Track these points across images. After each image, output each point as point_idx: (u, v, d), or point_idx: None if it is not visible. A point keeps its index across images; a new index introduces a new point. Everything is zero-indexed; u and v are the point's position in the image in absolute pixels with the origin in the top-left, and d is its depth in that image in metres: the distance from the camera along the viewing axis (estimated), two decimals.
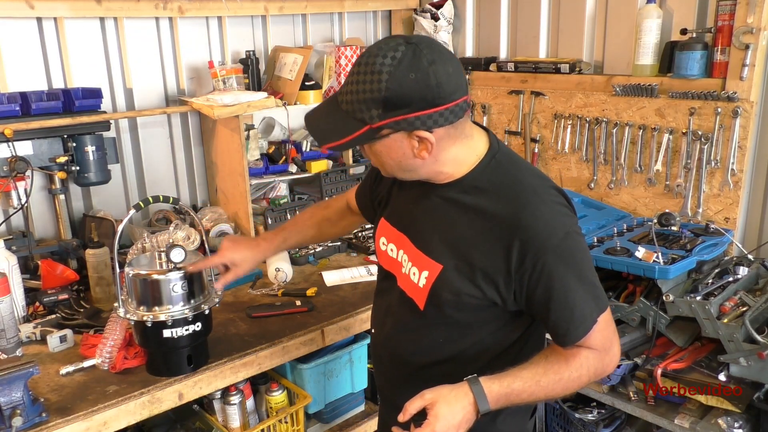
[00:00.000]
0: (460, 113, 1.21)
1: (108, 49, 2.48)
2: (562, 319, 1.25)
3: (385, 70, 1.14)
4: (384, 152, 1.25)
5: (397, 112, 1.16)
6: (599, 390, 2.25)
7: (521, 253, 1.21)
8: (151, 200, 1.72)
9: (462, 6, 3.11)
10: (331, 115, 1.24)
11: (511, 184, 1.27)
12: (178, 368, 1.71)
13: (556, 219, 1.24)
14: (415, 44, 1.16)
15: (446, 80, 1.16)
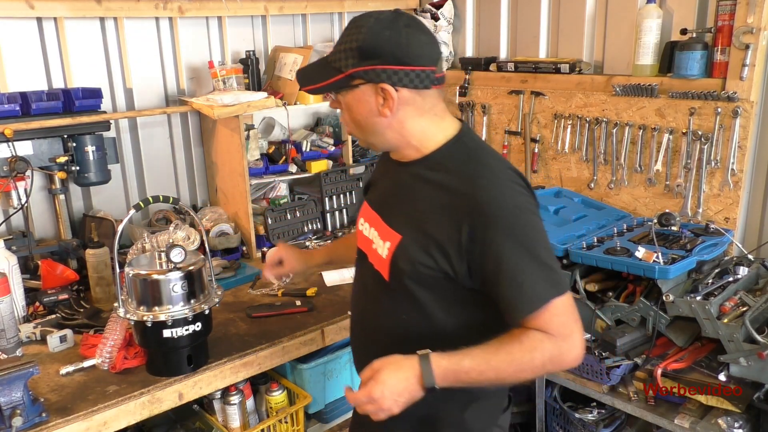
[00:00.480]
0: (426, 82, 1.30)
1: (108, 49, 2.49)
2: (511, 295, 1.25)
3: (366, 25, 1.28)
4: (353, 105, 1.33)
5: (368, 62, 1.27)
6: (599, 390, 2.25)
7: (473, 226, 1.25)
8: (151, 200, 1.72)
9: (462, 6, 3.11)
10: (317, 65, 1.38)
11: (470, 162, 1.33)
12: (178, 368, 1.71)
13: (509, 196, 1.28)
14: (400, 12, 1.31)
15: (417, 45, 1.28)
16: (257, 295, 2.24)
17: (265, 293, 2.24)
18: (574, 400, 2.48)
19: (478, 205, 1.25)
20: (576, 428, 2.38)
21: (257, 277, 2.34)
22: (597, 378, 2.25)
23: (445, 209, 1.29)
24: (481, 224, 1.24)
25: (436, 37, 3.03)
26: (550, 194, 2.67)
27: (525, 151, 2.88)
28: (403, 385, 1.23)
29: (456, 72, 3.12)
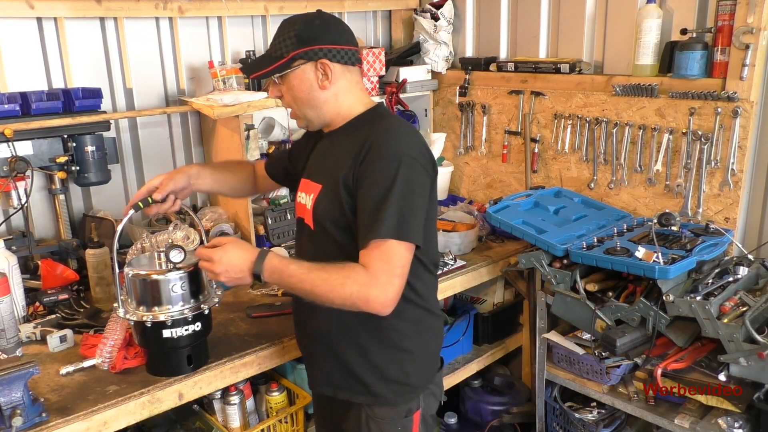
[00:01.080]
0: (353, 59, 1.59)
1: (108, 49, 2.49)
2: (363, 223, 1.45)
3: (299, 20, 1.56)
4: (296, 84, 1.57)
5: (305, 45, 1.54)
6: (599, 390, 2.25)
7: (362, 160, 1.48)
8: (150, 200, 1.72)
9: (462, 6, 3.11)
10: (260, 59, 1.65)
11: (380, 120, 1.58)
12: (178, 368, 1.70)
13: (401, 145, 1.49)
14: (323, 11, 1.60)
15: (341, 30, 1.59)
16: (257, 295, 2.24)
17: (265, 293, 2.24)
18: (574, 400, 2.48)
19: (372, 144, 1.48)
20: (576, 428, 2.38)
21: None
22: (597, 378, 2.25)
23: (350, 154, 1.51)
24: (368, 158, 1.47)
25: (439, 34, 3.05)
26: (550, 194, 2.67)
27: (525, 151, 2.88)
28: (237, 262, 1.46)
29: (456, 72, 3.12)
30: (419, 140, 1.56)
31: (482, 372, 2.90)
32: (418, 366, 1.68)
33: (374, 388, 1.65)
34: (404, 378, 1.65)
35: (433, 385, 1.75)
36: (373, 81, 2.93)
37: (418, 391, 1.68)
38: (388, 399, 1.65)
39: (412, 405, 1.67)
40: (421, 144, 1.55)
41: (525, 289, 2.73)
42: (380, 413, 1.65)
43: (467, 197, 3.21)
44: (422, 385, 1.70)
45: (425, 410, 1.71)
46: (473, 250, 2.63)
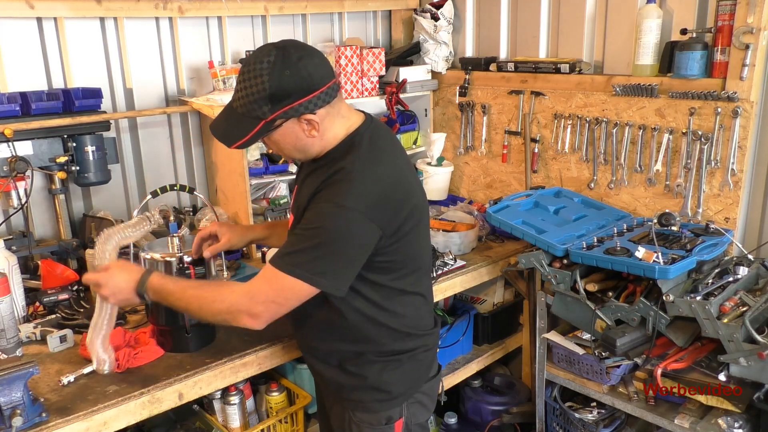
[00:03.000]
0: (333, 94, 1.47)
1: (108, 49, 2.49)
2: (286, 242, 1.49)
3: (264, 73, 1.39)
4: (281, 140, 1.50)
5: (283, 104, 1.41)
6: (599, 390, 2.25)
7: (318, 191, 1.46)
8: (168, 188, 1.80)
9: (462, 6, 3.11)
10: (230, 119, 1.49)
11: (346, 156, 1.48)
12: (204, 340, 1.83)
13: (350, 196, 1.42)
14: (283, 47, 1.42)
15: (314, 70, 1.43)
16: None
17: None
18: (574, 400, 2.48)
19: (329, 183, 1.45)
20: (576, 428, 2.38)
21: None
22: (597, 378, 2.25)
23: (313, 182, 1.49)
24: (319, 195, 1.45)
25: (439, 34, 3.05)
26: (550, 194, 2.67)
27: (525, 151, 2.88)
28: (122, 285, 1.55)
29: (456, 72, 3.12)
30: (383, 184, 1.47)
31: (482, 372, 2.90)
32: (401, 375, 1.64)
33: (354, 394, 1.65)
34: (383, 386, 1.62)
35: (421, 394, 1.71)
36: (373, 81, 2.93)
37: (400, 399, 1.65)
38: (367, 405, 1.63)
39: (392, 413, 1.64)
40: (382, 191, 1.46)
41: (525, 289, 2.73)
42: (361, 417, 1.64)
43: (467, 197, 3.21)
44: (405, 393, 1.66)
45: (409, 419, 1.68)
46: (473, 250, 2.63)
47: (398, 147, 1.64)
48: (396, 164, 1.55)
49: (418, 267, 1.64)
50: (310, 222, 1.44)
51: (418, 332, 1.68)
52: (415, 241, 1.59)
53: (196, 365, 1.75)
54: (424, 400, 1.73)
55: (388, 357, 1.63)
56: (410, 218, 1.54)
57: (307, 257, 1.42)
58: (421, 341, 1.68)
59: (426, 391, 1.73)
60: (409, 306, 1.64)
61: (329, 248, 1.42)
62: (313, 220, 1.44)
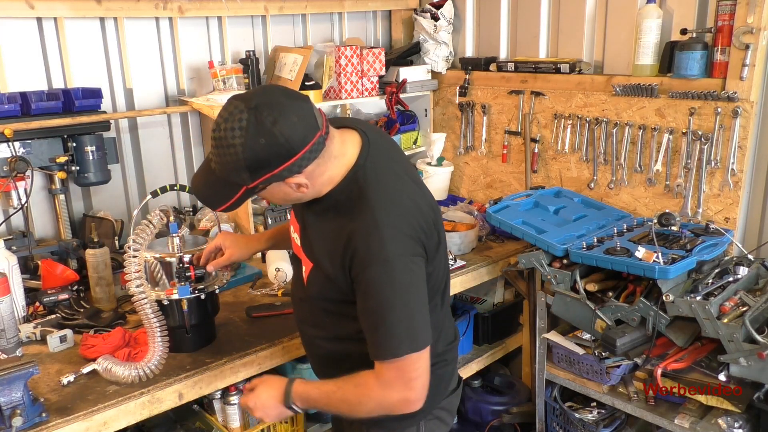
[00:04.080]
0: (319, 148, 1.32)
1: (108, 49, 2.49)
2: (369, 337, 1.38)
3: (237, 143, 1.25)
4: (269, 196, 1.41)
5: (262, 172, 1.29)
6: (599, 390, 2.25)
7: (351, 268, 1.36)
8: (168, 188, 1.79)
9: (462, 6, 3.11)
10: (210, 182, 1.38)
11: (356, 203, 1.37)
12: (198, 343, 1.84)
13: (386, 245, 1.32)
14: (254, 108, 1.25)
15: (293, 132, 1.27)
16: (257, 295, 2.24)
17: (265, 293, 2.24)
18: (574, 400, 2.48)
19: (357, 247, 1.33)
20: (576, 428, 2.38)
21: (257, 277, 2.34)
22: (597, 378, 2.25)
23: (336, 247, 1.38)
24: (356, 263, 1.34)
25: (439, 34, 3.05)
26: (550, 194, 2.67)
27: (525, 151, 2.88)
28: (271, 402, 1.50)
29: (456, 72, 3.12)
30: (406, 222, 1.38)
31: (482, 372, 2.90)
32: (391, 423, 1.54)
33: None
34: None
35: (440, 410, 1.64)
36: (373, 81, 2.93)
37: (418, 417, 1.57)
38: (382, 424, 1.54)
39: (410, 431, 1.58)
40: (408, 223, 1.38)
41: (525, 289, 2.73)
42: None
43: (467, 197, 3.21)
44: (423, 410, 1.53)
45: None
46: (473, 250, 2.63)
47: (401, 163, 1.53)
48: (408, 194, 1.45)
49: (443, 284, 1.60)
50: (372, 296, 1.35)
51: (441, 347, 1.61)
52: (443, 261, 1.56)
53: (196, 365, 1.75)
54: (443, 415, 1.67)
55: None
56: (438, 244, 1.50)
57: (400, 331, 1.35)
58: (441, 357, 1.61)
59: (445, 406, 1.67)
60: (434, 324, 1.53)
61: (405, 308, 1.35)
62: (371, 292, 1.35)
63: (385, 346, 1.35)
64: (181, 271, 1.74)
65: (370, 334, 1.38)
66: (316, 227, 1.46)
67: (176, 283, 1.74)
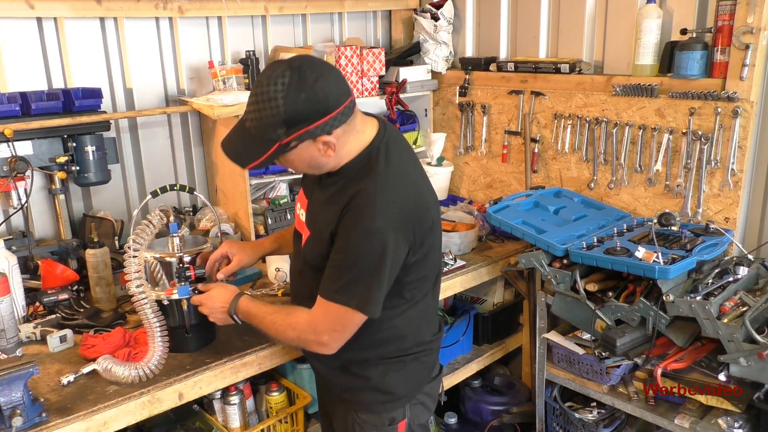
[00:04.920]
0: (349, 113, 1.44)
1: (108, 49, 2.49)
2: (327, 275, 1.50)
3: (279, 96, 1.34)
4: (296, 159, 1.47)
5: (298, 127, 1.38)
6: (599, 390, 2.25)
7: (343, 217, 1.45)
8: (168, 188, 1.80)
9: (462, 6, 3.11)
10: (244, 140, 1.45)
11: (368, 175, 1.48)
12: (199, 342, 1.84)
13: (378, 218, 1.42)
14: (298, 67, 1.37)
15: (330, 91, 1.38)
16: (257, 295, 2.24)
17: (265, 293, 2.24)
18: (574, 400, 2.48)
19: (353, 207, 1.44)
20: (576, 428, 2.38)
21: (257, 277, 2.34)
22: (597, 378, 2.25)
23: (337, 209, 1.47)
24: (346, 220, 1.45)
25: (439, 34, 3.05)
26: (550, 194, 2.67)
27: (525, 151, 2.88)
28: (218, 305, 1.67)
29: (456, 72, 3.12)
30: (404, 201, 1.47)
31: (482, 372, 2.90)
32: (404, 377, 1.66)
33: (357, 395, 1.66)
34: (387, 387, 1.64)
35: (423, 395, 1.72)
36: (373, 81, 2.93)
37: (403, 400, 1.67)
38: (370, 406, 1.65)
39: (396, 414, 1.66)
40: (404, 207, 1.47)
41: (525, 289, 2.73)
42: (364, 418, 1.65)
43: (467, 197, 3.21)
44: (408, 394, 1.68)
45: (412, 420, 1.69)
46: (473, 250, 2.63)
47: (411, 154, 1.63)
48: (412, 179, 1.55)
49: (434, 275, 1.67)
50: (345, 251, 1.46)
51: (427, 338, 1.70)
52: (435, 252, 1.62)
53: (196, 365, 1.75)
54: (426, 400, 1.75)
55: (392, 359, 1.64)
56: (430, 233, 1.55)
57: (353, 288, 1.46)
58: (426, 345, 1.70)
59: (428, 391, 1.75)
60: (422, 314, 1.66)
61: (369, 274, 1.44)
62: (347, 249, 1.45)
63: (338, 290, 1.47)
64: (181, 271, 1.74)
65: (330, 277, 1.48)
66: (324, 196, 1.55)
67: (176, 283, 1.74)
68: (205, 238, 1.91)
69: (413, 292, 1.59)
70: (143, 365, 1.65)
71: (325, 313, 1.50)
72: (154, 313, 1.66)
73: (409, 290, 1.58)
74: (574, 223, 2.42)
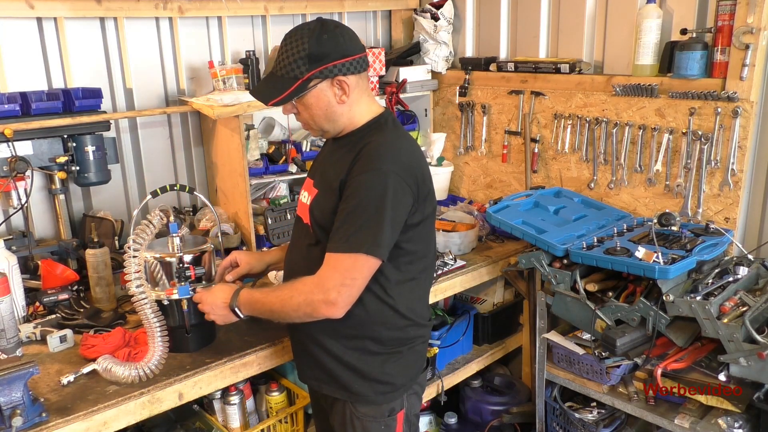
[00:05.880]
0: (364, 65, 1.60)
1: (108, 49, 2.49)
2: (335, 229, 1.52)
3: (305, 37, 1.53)
4: (314, 103, 1.58)
5: (320, 63, 1.53)
6: (599, 390, 2.25)
7: (352, 167, 1.53)
8: (168, 188, 1.80)
9: (462, 6, 3.11)
10: (270, 82, 1.60)
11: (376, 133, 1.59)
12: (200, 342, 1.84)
13: (386, 161, 1.51)
14: (322, 20, 1.57)
15: (349, 38, 1.57)
16: None
17: None
18: (574, 400, 2.48)
19: (362, 156, 1.52)
20: (576, 428, 2.38)
21: (257, 277, 2.34)
22: (597, 378, 2.25)
23: (346, 164, 1.55)
24: (355, 168, 1.52)
25: (439, 34, 3.06)
26: (550, 194, 2.67)
27: (525, 151, 2.88)
28: (219, 302, 1.68)
29: (456, 72, 3.12)
30: (410, 157, 1.58)
31: (482, 372, 2.90)
32: (402, 366, 1.68)
33: (354, 387, 1.66)
34: (386, 377, 1.66)
35: (417, 385, 1.77)
36: (373, 81, 2.93)
37: (401, 390, 1.69)
38: (369, 398, 1.66)
39: (395, 404, 1.68)
40: (410, 161, 1.56)
41: (525, 289, 2.73)
42: (363, 411, 1.67)
43: (467, 197, 3.21)
44: (406, 384, 1.70)
45: (409, 410, 1.73)
46: (473, 250, 2.63)
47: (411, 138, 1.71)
48: (415, 148, 1.65)
49: (429, 254, 1.71)
50: (354, 196, 1.50)
51: (420, 321, 1.72)
52: (431, 226, 1.68)
53: (196, 365, 1.75)
54: (419, 390, 1.79)
55: (389, 349, 1.65)
56: (429, 200, 1.63)
57: (361, 232, 1.48)
58: (420, 331, 1.73)
59: (420, 381, 1.79)
60: (416, 292, 1.70)
61: (377, 215, 1.48)
62: (355, 194, 1.50)
63: (346, 239, 1.49)
64: (181, 271, 1.74)
65: (339, 228, 1.51)
66: (332, 155, 1.65)
67: (176, 283, 1.74)
68: (205, 238, 1.91)
69: (409, 267, 1.63)
70: (143, 365, 1.65)
71: (334, 267, 1.50)
72: (154, 313, 1.66)
73: (405, 264, 1.61)
74: (574, 223, 2.42)
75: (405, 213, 1.54)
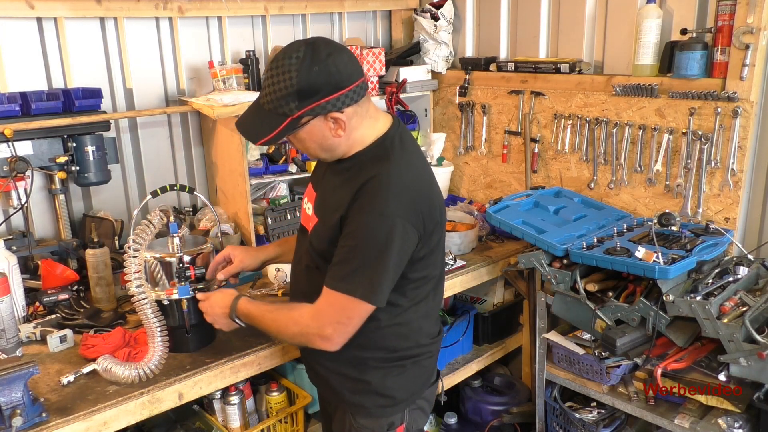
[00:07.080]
0: (361, 92, 1.45)
1: (108, 49, 2.49)
2: (333, 264, 1.47)
3: (293, 68, 1.37)
4: (307, 138, 1.47)
5: (310, 100, 1.39)
6: (599, 390, 2.25)
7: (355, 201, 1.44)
8: (168, 188, 1.80)
9: (462, 6, 3.11)
10: (257, 116, 1.47)
11: (382, 162, 1.48)
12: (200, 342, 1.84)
13: (391, 204, 1.42)
14: (312, 43, 1.40)
15: (343, 67, 1.40)
16: (257, 295, 2.24)
17: (265, 293, 2.24)
18: (574, 400, 2.48)
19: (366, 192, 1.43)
20: (576, 428, 2.38)
21: (257, 277, 2.34)
22: (597, 378, 2.25)
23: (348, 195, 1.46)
24: (358, 205, 1.43)
25: (439, 34, 3.06)
26: (550, 194, 2.67)
27: (525, 151, 2.88)
28: (219, 311, 1.67)
29: (456, 72, 3.12)
30: (417, 192, 1.48)
31: (482, 372, 2.90)
32: (404, 381, 1.64)
33: (354, 398, 1.63)
34: (387, 391, 1.62)
35: (422, 400, 1.71)
36: (373, 81, 2.93)
37: (402, 405, 1.64)
38: (369, 411, 1.62)
39: (394, 419, 1.64)
40: (416, 197, 1.47)
41: (525, 289, 2.73)
42: (362, 422, 1.63)
43: (467, 197, 3.21)
44: (408, 399, 1.65)
45: (410, 425, 1.67)
46: (473, 250, 2.63)
47: (421, 153, 1.63)
48: (424, 173, 1.55)
49: (436, 274, 1.65)
50: (355, 236, 1.43)
51: (426, 340, 1.67)
52: (440, 252, 1.62)
53: (196, 365, 1.75)
54: (424, 405, 1.73)
55: (392, 363, 1.61)
56: (438, 229, 1.55)
57: (359, 274, 1.43)
58: (426, 348, 1.68)
59: (426, 396, 1.73)
60: (424, 314, 1.64)
61: (378, 260, 1.42)
62: (357, 233, 1.43)
63: (344, 279, 1.44)
64: (181, 271, 1.74)
65: (337, 264, 1.46)
66: (336, 181, 1.54)
67: (176, 283, 1.74)
68: (205, 238, 1.91)
69: (415, 291, 1.58)
70: (143, 365, 1.65)
71: (329, 303, 1.47)
72: (154, 313, 1.66)
73: (412, 290, 1.57)
74: (574, 223, 2.42)
75: (409, 253, 1.47)
